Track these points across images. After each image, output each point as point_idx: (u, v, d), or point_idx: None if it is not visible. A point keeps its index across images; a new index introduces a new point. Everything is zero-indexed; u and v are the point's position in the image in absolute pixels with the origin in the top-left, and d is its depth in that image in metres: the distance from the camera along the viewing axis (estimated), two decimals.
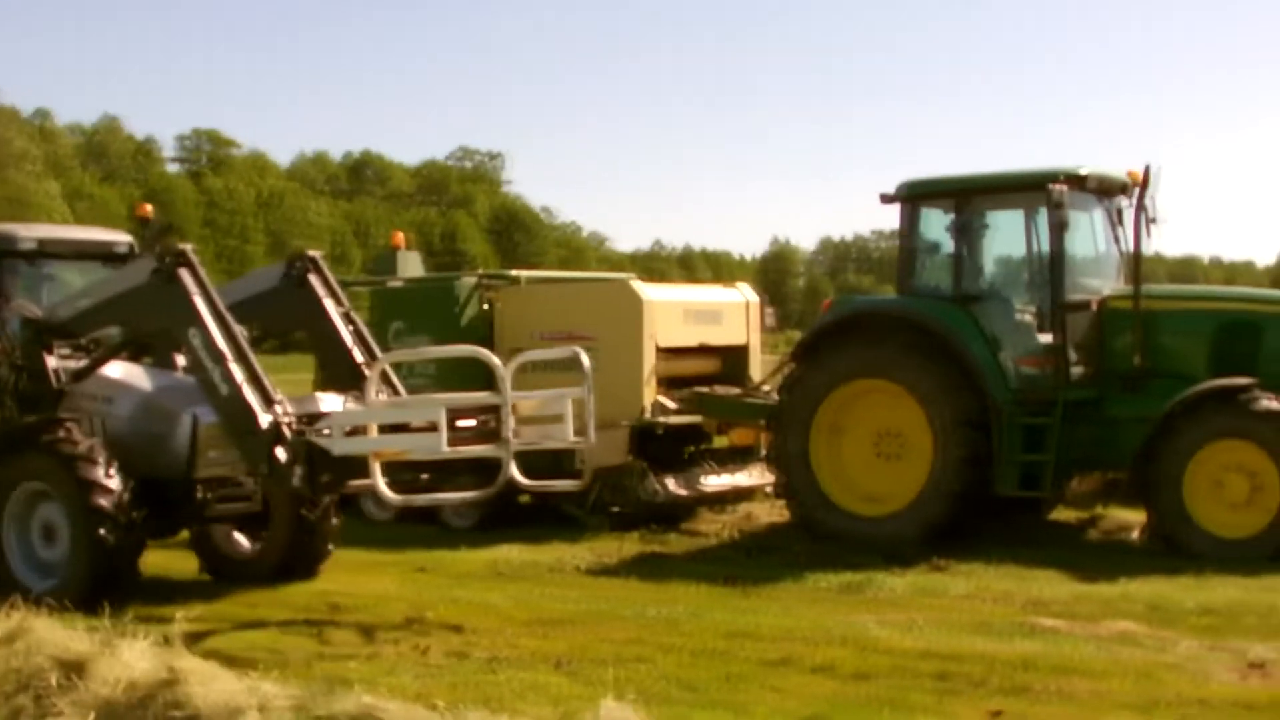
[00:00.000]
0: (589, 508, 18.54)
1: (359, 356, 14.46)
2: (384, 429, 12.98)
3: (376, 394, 13.27)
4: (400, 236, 23.61)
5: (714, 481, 19.72)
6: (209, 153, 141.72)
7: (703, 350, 20.22)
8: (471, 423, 13.13)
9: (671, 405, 19.22)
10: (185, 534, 16.13)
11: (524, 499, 18.31)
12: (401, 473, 13.19)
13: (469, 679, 11.08)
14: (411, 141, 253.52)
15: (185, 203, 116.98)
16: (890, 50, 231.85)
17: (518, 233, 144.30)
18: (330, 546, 15.89)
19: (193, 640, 11.20)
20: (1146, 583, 14.23)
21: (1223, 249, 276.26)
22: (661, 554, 17.12)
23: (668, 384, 19.43)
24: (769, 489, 19.47)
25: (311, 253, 15.28)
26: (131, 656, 10.02)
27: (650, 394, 18.83)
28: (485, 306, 20.39)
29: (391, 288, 21.38)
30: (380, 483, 12.71)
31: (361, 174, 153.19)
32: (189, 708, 9.35)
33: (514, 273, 22.09)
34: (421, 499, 13.69)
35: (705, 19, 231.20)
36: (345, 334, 14.62)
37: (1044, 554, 15.89)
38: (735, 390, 19.82)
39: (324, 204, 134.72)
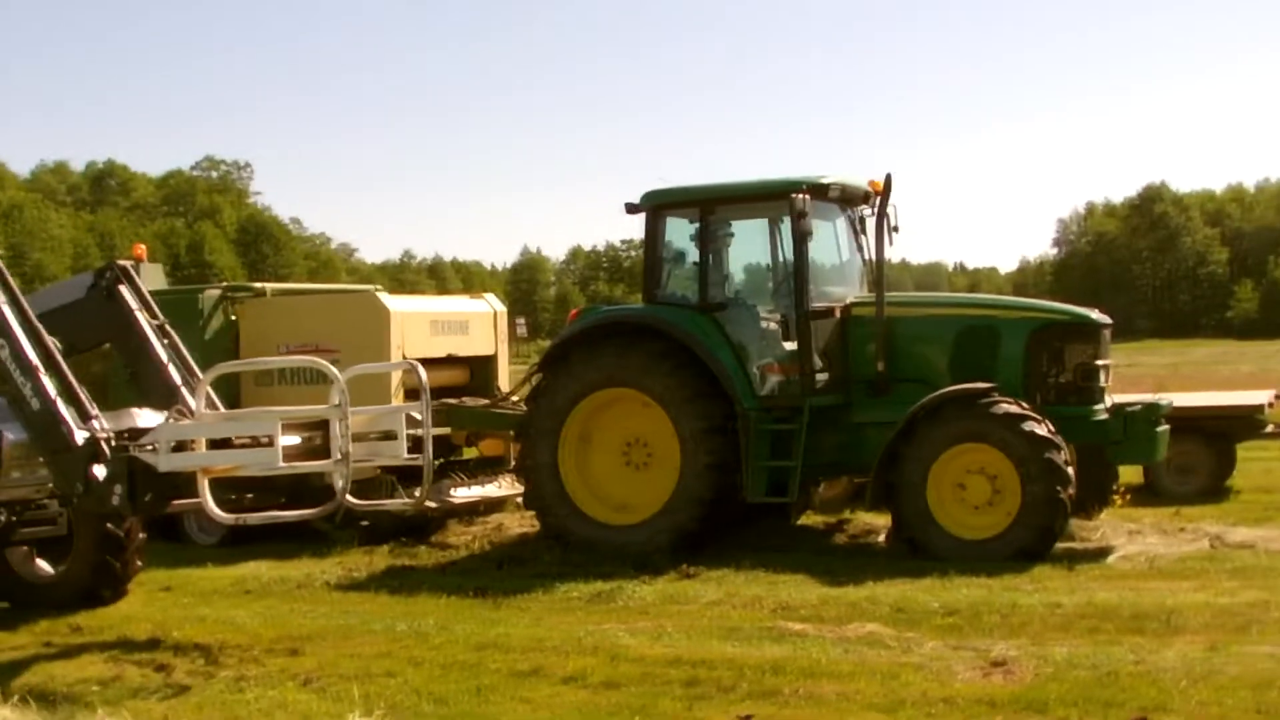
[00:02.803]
0: (337, 521, 18.30)
1: (175, 372, 13.70)
2: (211, 445, 12.29)
3: (205, 407, 12.46)
4: (141, 249, 23.10)
5: (463, 493, 19.62)
6: None
7: (450, 361, 20.13)
8: (295, 439, 12.41)
9: (419, 417, 19.07)
10: None
11: None
12: (225, 492, 12.49)
13: (215, 699, 10.95)
14: (156, 151, 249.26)
15: None
16: (640, 60, 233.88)
17: (266, 244, 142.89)
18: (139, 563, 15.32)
19: None
20: (892, 585, 14.45)
21: (967, 256, 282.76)
22: (411, 567, 17.04)
23: (415, 396, 19.27)
24: (519, 500, 19.42)
25: (122, 262, 14.51)
26: None
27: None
28: (230, 319, 20.11)
29: None
30: (209, 501, 11.97)
31: (104, 184, 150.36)
32: None
33: (259, 285, 21.82)
34: (254, 518, 13.00)
35: (453, 26, 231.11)
36: (159, 348, 13.85)
37: (792, 559, 16.06)
38: (483, 401, 19.79)
39: (65, 215, 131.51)
